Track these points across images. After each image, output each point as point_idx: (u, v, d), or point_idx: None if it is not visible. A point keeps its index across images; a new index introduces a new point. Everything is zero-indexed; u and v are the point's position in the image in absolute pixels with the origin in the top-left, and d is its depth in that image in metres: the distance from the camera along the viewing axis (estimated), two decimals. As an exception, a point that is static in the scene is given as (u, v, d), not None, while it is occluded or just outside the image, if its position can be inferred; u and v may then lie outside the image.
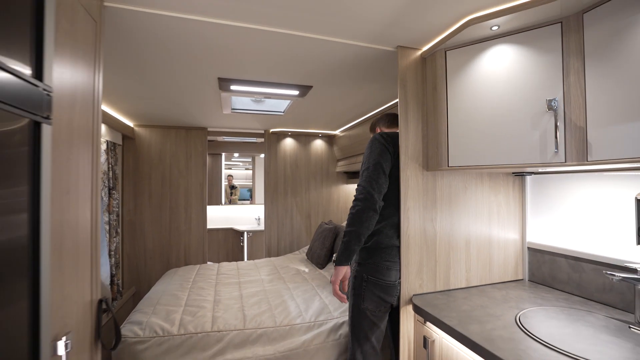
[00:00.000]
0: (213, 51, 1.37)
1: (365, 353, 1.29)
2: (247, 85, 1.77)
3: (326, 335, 1.55)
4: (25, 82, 0.59)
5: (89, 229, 0.94)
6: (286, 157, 3.32)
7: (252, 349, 1.48)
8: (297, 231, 3.31)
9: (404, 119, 1.31)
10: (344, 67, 1.55)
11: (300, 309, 1.70)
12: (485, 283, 1.44)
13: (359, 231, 1.18)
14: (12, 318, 0.59)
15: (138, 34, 1.21)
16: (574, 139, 0.98)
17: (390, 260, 1.26)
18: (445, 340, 1.11)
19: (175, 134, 3.04)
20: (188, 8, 1.06)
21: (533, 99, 1.06)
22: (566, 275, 1.33)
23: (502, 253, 1.47)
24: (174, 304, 1.77)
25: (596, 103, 0.93)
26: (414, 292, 1.30)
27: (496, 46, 1.14)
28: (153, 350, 1.42)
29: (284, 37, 1.24)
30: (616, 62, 0.88)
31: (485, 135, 1.16)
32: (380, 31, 1.20)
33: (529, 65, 1.07)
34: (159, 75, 1.66)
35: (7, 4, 0.56)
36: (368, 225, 1.19)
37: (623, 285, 1.13)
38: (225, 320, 1.56)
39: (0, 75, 0.52)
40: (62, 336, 0.75)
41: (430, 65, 1.32)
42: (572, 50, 0.99)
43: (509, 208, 1.49)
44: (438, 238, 1.35)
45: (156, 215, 2.97)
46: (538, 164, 1.05)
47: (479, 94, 1.17)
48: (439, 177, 1.36)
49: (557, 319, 1.06)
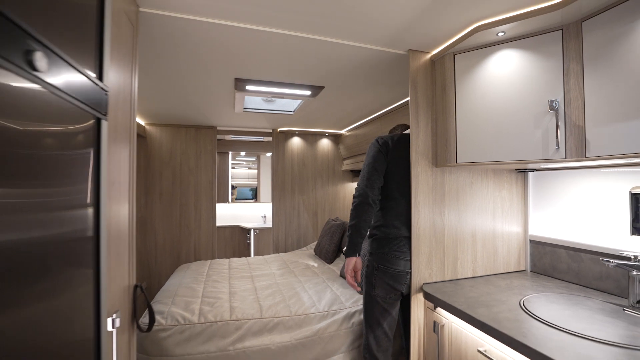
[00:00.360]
0: (232, 53, 1.45)
1: (378, 338, 1.38)
2: (262, 85, 1.85)
3: (339, 323, 1.64)
4: (92, 83, 0.67)
5: (127, 220, 1.02)
6: (293, 156, 3.40)
7: (270, 336, 1.56)
8: (304, 228, 3.40)
9: (414, 118, 1.39)
10: (356, 69, 1.63)
11: (313, 300, 1.78)
12: (490, 273, 1.52)
13: (359, 224, 1.32)
14: (83, 298, 0.68)
15: (164, 37, 1.29)
16: (573, 137, 1.06)
17: (399, 250, 1.34)
18: (455, 324, 1.19)
19: (186, 132, 3.12)
20: (212, 13, 1.14)
21: (536, 100, 1.15)
22: (566, 265, 1.42)
23: (506, 245, 1.56)
24: (192, 296, 1.85)
25: (594, 104, 1.02)
26: (424, 281, 1.38)
27: (502, 51, 1.23)
28: (175, 337, 1.50)
29: (300, 40, 1.32)
30: (612, 67, 0.96)
31: (491, 134, 1.25)
32: (393, 36, 1.29)
33: (532, 68, 1.16)
34: (178, 75, 1.74)
35: (79, 14, 0.65)
36: (365, 217, 1.32)
37: (618, 272, 1.22)
38: (243, 310, 1.64)
39: (79, 79, 0.60)
40: (112, 313, 0.84)
41: (440, 68, 1.40)
42: (572, 55, 1.08)
43: (512, 203, 1.58)
44: (446, 230, 1.43)
45: (167, 212, 3.05)
46: (540, 160, 1.14)
47: (486, 95, 1.26)
48: (447, 173, 1.45)
49: (558, 303, 1.14)
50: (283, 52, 1.45)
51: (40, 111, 0.50)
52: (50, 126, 0.53)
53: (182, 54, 1.46)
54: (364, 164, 1.41)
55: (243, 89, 1.88)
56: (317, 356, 1.58)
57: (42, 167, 0.51)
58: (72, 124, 0.61)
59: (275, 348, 1.53)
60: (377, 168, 1.37)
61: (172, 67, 1.61)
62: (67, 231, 0.60)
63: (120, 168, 0.97)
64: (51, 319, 0.54)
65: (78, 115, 0.64)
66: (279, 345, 1.54)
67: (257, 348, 1.52)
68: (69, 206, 0.61)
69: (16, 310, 0.44)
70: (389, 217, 1.38)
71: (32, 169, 0.48)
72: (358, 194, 1.36)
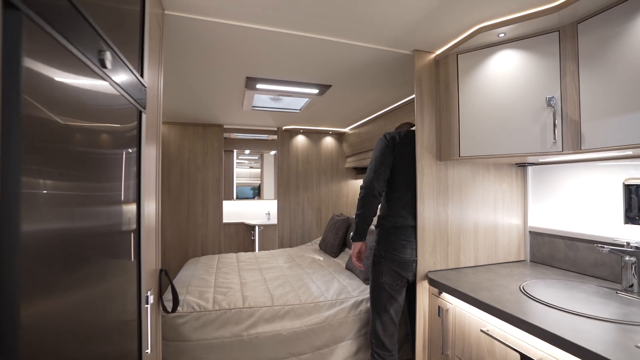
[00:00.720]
0: (245, 52, 1.52)
1: (384, 323, 1.46)
2: (272, 84, 1.92)
3: (347, 311, 1.71)
4: (138, 80, 0.75)
5: (154, 213, 1.09)
6: (298, 154, 3.48)
7: (281, 323, 1.63)
8: (309, 224, 3.47)
9: (419, 115, 1.47)
10: (363, 68, 1.71)
11: (322, 290, 1.86)
12: (492, 262, 1.60)
13: (364, 213, 1.42)
14: (131, 278, 0.76)
15: (182, 38, 1.37)
16: (569, 131, 1.14)
17: (405, 239, 1.42)
18: (459, 307, 1.27)
19: (193, 130, 3.20)
20: (228, 15, 1.21)
21: (534, 97, 1.22)
22: (563, 254, 1.49)
23: (507, 236, 1.64)
24: (205, 286, 1.92)
25: (588, 100, 1.09)
26: (429, 269, 1.46)
27: (502, 51, 1.30)
28: (191, 324, 1.58)
29: (311, 40, 1.39)
30: (605, 65, 1.04)
31: (492, 129, 1.32)
32: (399, 37, 1.36)
33: (531, 67, 1.24)
34: (191, 74, 1.81)
35: (127, 19, 0.72)
36: (370, 207, 1.42)
37: (612, 259, 1.29)
38: (255, 299, 1.72)
39: (130, 77, 0.68)
40: (147, 291, 0.91)
41: (443, 67, 1.48)
42: (568, 54, 1.15)
43: (513, 196, 1.66)
44: (449, 221, 1.51)
45: (175, 207, 3.12)
46: (539, 153, 1.21)
47: (487, 92, 1.34)
48: (450, 167, 1.52)
49: (555, 288, 1.22)
50: (293, 52, 1.52)
51: (103, 110, 0.57)
52: (108, 124, 0.60)
53: (197, 53, 1.53)
54: (372, 157, 1.49)
55: (254, 87, 1.95)
56: (326, 342, 1.65)
57: (103, 164, 0.58)
58: (124, 122, 0.69)
59: (286, 334, 1.61)
60: (384, 161, 1.45)
61: (186, 66, 1.69)
62: (116, 223, 0.67)
63: (150, 165, 1.04)
64: (106, 298, 0.61)
65: (129, 111, 0.71)
66: (290, 331, 1.61)
67: (269, 334, 1.59)
68: (120, 201, 0.68)
69: (79, 291, 0.50)
70: (395, 207, 1.46)
71: (98, 166, 0.56)
72: (365, 186, 1.44)
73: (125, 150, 0.69)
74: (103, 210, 0.58)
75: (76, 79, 0.45)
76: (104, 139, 0.57)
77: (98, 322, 0.57)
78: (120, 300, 0.68)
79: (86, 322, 0.52)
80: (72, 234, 0.46)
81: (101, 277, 0.58)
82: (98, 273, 0.56)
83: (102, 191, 0.58)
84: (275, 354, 1.58)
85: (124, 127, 0.68)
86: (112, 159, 0.62)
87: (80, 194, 0.49)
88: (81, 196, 0.50)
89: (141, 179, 0.82)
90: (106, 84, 0.55)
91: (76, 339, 0.48)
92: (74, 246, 0.47)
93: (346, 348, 1.69)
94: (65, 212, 0.44)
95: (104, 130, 0.57)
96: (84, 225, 0.51)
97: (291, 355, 1.60)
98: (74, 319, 0.47)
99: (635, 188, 1.23)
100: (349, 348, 1.69)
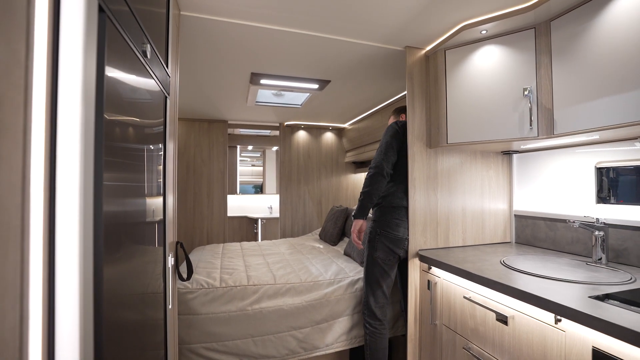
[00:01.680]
0: (250, 49, 1.65)
1: (377, 296, 1.59)
2: (275, 79, 2.06)
3: (344, 289, 1.84)
4: (164, 70, 0.88)
5: (172, 206, 1.22)
6: (299, 148, 3.61)
7: (283, 299, 1.77)
8: (310, 216, 3.61)
9: (411, 106, 1.60)
10: (359, 64, 1.84)
11: (321, 271, 1.99)
12: (479, 243, 1.73)
13: (371, 191, 1.51)
14: (159, 248, 0.89)
15: (192, 36, 1.50)
16: (544, 118, 1.27)
17: (399, 219, 1.55)
18: (446, 280, 1.40)
19: (199, 126, 3.34)
20: (238, 15, 1.34)
21: (513, 88, 1.35)
22: (544, 234, 1.62)
23: (493, 219, 1.76)
24: (211, 267, 2.06)
25: (560, 90, 1.22)
26: (420, 247, 1.59)
27: (485, 46, 1.43)
28: (200, 299, 1.71)
29: (310, 37, 1.52)
30: (574, 59, 1.17)
31: (476, 118, 1.45)
32: (392, 34, 1.49)
33: (510, 61, 1.36)
34: (198, 71, 1.95)
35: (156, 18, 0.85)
36: (377, 186, 1.51)
37: (586, 235, 1.42)
38: (258, 278, 1.85)
39: (160, 69, 0.81)
40: (169, 254, 1.05)
41: (433, 62, 1.61)
42: (543, 49, 1.28)
43: (499, 182, 1.78)
44: (439, 205, 1.64)
45: (181, 199, 3.26)
46: (518, 139, 1.34)
47: (472, 85, 1.47)
48: (440, 154, 1.65)
49: (532, 260, 1.35)
50: (295, 49, 1.65)
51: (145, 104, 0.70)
52: (148, 119, 0.74)
53: (206, 51, 1.67)
54: (382, 141, 1.59)
55: (258, 82, 2.08)
56: (325, 317, 1.78)
57: (144, 159, 0.72)
58: (155, 117, 0.82)
59: (288, 308, 1.74)
60: (394, 146, 1.56)
61: (195, 63, 1.82)
62: (146, 211, 0.81)
63: (169, 161, 1.16)
64: (146, 268, 0.76)
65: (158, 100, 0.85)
66: (291, 306, 1.75)
67: (272, 308, 1.73)
68: (153, 194, 0.82)
69: (129, 261, 0.65)
70: (394, 189, 1.59)
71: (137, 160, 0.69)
72: (374, 165, 1.53)
73: (156, 146, 0.83)
74: (143, 202, 0.72)
75: (130, 68, 0.59)
76: (147, 134, 0.71)
77: (141, 281, 0.71)
78: (153, 265, 0.82)
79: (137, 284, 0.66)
80: (129, 217, 0.61)
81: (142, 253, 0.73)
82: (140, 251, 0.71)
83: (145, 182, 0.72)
84: (277, 327, 1.72)
85: (155, 122, 0.81)
86: (150, 155, 0.76)
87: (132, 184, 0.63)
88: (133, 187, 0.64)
89: (166, 176, 0.95)
90: (146, 72, 0.68)
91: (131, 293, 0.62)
92: (129, 228, 0.62)
93: (343, 324, 1.82)
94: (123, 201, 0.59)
95: (146, 125, 0.71)
96: (133, 210, 0.65)
97: (292, 328, 1.74)
98: (129, 281, 0.62)
99: (606, 170, 1.36)
100: (346, 324, 1.82)
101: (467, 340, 1.26)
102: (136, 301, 0.67)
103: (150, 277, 0.80)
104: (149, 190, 0.77)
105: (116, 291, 0.54)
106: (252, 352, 1.67)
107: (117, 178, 0.54)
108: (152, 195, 0.80)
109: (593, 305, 0.84)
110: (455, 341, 1.33)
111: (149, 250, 0.79)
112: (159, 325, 0.90)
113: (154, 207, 0.82)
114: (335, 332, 1.80)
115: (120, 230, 0.56)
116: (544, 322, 0.95)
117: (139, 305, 0.69)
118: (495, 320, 1.12)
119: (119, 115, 0.54)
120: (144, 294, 0.73)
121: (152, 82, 0.77)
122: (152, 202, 0.80)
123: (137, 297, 0.68)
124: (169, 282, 1.03)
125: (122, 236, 0.57)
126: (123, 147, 0.57)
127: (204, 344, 1.63)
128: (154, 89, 0.80)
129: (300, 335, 1.74)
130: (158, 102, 0.86)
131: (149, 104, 0.75)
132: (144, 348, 0.72)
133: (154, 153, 0.82)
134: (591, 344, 0.81)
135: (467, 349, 1.25)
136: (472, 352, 1.22)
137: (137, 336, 0.67)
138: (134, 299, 0.65)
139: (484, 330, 1.18)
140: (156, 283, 0.86)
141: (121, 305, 0.56)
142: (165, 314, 0.98)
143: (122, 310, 0.57)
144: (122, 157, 0.56)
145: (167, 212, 1.01)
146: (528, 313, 1.00)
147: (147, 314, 0.76)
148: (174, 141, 1.21)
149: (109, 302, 0.49)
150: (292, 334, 1.73)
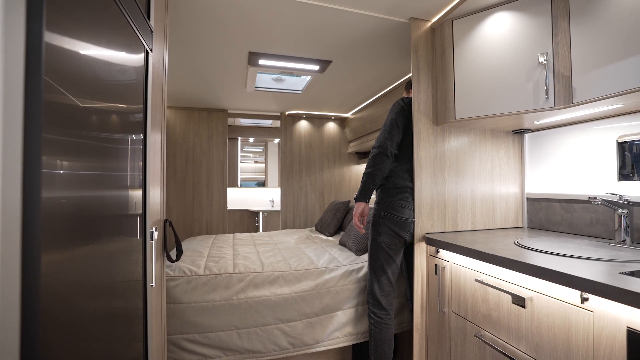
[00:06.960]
0: (247, 24, 1.57)
1: (382, 283, 1.49)
2: (274, 60, 1.97)
3: (337, 280, 1.73)
4: (144, 18, 0.80)
5: (159, 200, 1.13)
6: (301, 139, 3.53)
7: (271, 289, 1.67)
8: (311, 208, 3.52)
9: (416, 82, 1.50)
10: (362, 40, 1.74)
11: (312, 259, 1.88)
12: (489, 228, 1.63)
13: (374, 172, 1.42)
14: (136, 220, 0.81)
15: (190, 12, 1.42)
16: (561, 86, 1.17)
17: (404, 200, 1.46)
18: (455, 263, 1.30)
19: (198, 115, 3.26)
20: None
21: (527, 56, 1.25)
22: (560, 217, 1.52)
23: (504, 203, 1.66)
24: (198, 256, 1.96)
25: (579, 55, 1.12)
26: (426, 230, 1.49)
27: (496, 14, 1.33)
28: (183, 286, 1.61)
29: (309, 7, 1.43)
30: (595, 20, 1.07)
31: (486, 90, 1.35)
32: (395, 3, 1.40)
33: (523, 27, 1.26)
34: (198, 52, 1.87)
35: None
36: (381, 167, 1.42)
37: (607, 216, 1.32)
38: (245, 266, 1.75)
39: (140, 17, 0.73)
40: (152, 227, 0.96)
41: (439, 34, 1.51)
42: (560, 12, 1.18)
43: (510, 163, 1.68)
44: (447, 186, 1.54)
45: (180, 190, 3.19)
46: (532, 110, 1.24)
47: (481, 55, 1.37)
48: (447, 132, 1.55)
49: (549, 241, 1.25)
50: (293, 22, 1.56)
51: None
52: (116, 101, 0.65)
53: (201, 28, 1.59)
54: (386, 119, 1.49)
55: (256, 63, 2.00)
56: (316, 311, 1.66)
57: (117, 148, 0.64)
58: (131, 102, 0.74)
59: (275, 299, 1.64)
60: (399, 124, 1.47)
61: (191, 43, 1.74)
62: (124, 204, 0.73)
63: (155, 153, 1.06)
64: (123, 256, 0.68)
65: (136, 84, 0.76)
66: (279, 297, 1.64)
67: (258, 299, 1.62)
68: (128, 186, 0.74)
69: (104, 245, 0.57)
70: (398, 169, 1.49)
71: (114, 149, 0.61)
72: (378, 145, 1.44)
73: (130, 136, 0.75)
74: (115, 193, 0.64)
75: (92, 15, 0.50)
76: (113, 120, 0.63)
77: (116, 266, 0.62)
78: (128, 244, 0.74)
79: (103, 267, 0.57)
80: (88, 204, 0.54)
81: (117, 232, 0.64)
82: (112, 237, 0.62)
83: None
84: (263, 319, 1.61)
85: (129, 108, 0.73)
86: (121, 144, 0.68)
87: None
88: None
89: (147, 167, 0.87)
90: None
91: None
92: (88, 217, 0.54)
93: (336, 319, 1.70)
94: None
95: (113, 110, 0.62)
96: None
97: (279, 321, 1.63)
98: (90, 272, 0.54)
99: (629, 145, 1.25)
100: (340, 319, 1.71)
101: (479, 327, 1.16)
102: (100, 292, 0.61)
103: (122, 267, 0.73)
104: (121, 181, 0.71)
105: (68, 283, 0.48)
106: (237, 345, 1.57)
107: (76, 167, 0.50)
108: (123, 186, 0.73)
109: (627, 281, 0.74)
110: (465, 329, 1.24)
111: (122, 239, 0.73)
112: (135, 316, 0.82)
113: (126, 197, 0.75)
114: (328, 328, 1.69)
115: (75, 219, 0.51)
116: (568, 303, 0.85)
117: (106, 296, 0.63)
118: (511, 304, 1.02)
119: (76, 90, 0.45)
120: (112, 283, 0.66)
121: (130, 30, 0.68)
122: (124, 192, 0.73)
123: (104, 287, 0.62)
124: (151, 259, 0.94)
125: (79, 226, 0.52)
126: (84, 131, 0.50)
127: (184, 335, 1.54)
128: (132, 42, 0.71)
129: (288, 329, 1.64)
130: (138, 64, 0.77)
131: (124, 68, 0.66)
132: (109, 340, 0.64)
133: (130, 137, 0.74)
134: (626, 324, 0.72)
135: (479, 336, 1.15)
136: (484, 340, 1.12)
137: (101, 329, 0.60)
138: (95, 289, 0.58)
139: (497, 315, 1.08)
140: (131, 272, 0.78)
141: (73, 298, 0.50)
142: (146, 301, 0.90)
143: (74, 303, 0.50)
144: (80, 141, 0.50)
145: (149, 199, 0.93)
146: (549, 294, 0.91)
147: (116, 304, 0.69)
148: (161, 113, 1.12)
149: (54, 295, 0.44)
150: (279, 327, 1.63)
